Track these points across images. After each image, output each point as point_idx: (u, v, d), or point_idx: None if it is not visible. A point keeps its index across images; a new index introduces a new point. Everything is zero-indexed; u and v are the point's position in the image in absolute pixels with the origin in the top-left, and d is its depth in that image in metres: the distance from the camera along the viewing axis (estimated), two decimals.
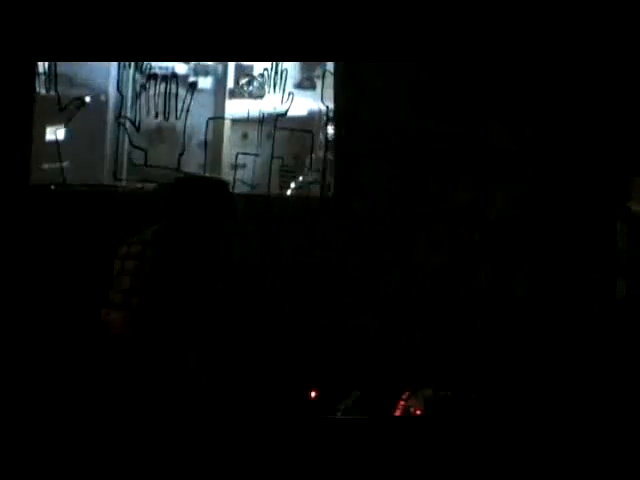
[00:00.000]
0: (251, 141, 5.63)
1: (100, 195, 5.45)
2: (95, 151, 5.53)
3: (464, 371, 5.13)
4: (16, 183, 5.39)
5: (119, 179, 5.55)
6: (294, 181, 5.65)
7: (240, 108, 5.63)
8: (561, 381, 4.93)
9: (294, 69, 5.65)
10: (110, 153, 5.54)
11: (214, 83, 5.65)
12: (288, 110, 5.61)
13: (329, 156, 5.62)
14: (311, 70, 5.66)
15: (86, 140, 5.51)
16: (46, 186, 5.46)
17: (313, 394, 4.72)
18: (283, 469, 3.46)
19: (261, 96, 5.63)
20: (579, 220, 5.40)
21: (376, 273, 5.47)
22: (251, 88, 5.63)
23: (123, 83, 5.54)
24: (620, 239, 4.96)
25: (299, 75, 5.67)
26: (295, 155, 5.64)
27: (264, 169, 5.61)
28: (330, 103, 5.61)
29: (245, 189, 5.56)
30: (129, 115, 5.55)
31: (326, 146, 5.63)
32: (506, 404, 4.55)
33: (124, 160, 5.55)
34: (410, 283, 5.44)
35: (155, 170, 5.47)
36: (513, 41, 5.16)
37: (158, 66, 5.55)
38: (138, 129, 5.56)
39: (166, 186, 4.12)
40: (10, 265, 5.27)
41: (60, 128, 5.49)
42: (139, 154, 5.54)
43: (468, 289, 5.44)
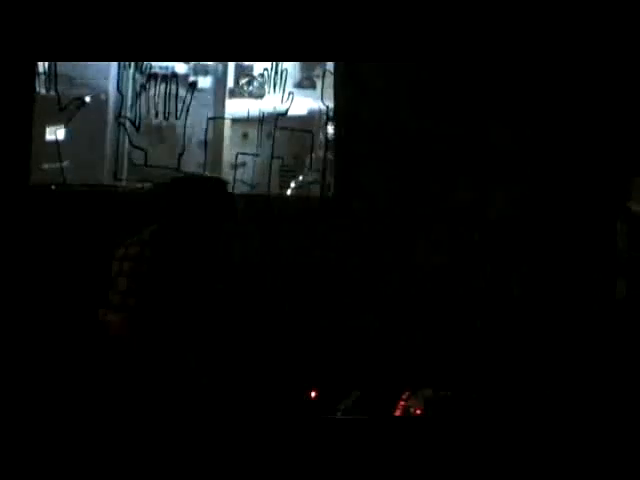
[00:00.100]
0: (251, 141, 5.63)
1: (100, 195, 5.45)
2: (95, 151, 5.53)
3: (464, 371, 5.13)
4: (16, 183, 5.39)
5: (119, 179, 5.55)
6: (294, 181, 5.65)
7: (240, 108, 5.63)
8: (561, 381, 4.93)
9: (294, 69, 5.65)
10: (110, 153, 5.54)
11: (214, 83, 5.65)
12: (288, 110, 5.61)
13: (329, 156, 5.62)
14: (311, 70, 5.66)
15: (86, 140, 5.51)
16: (46, 186, 5.46)
17: (313, 394, 4.72)
18: (283, 469, 3.46)
19: (261, 96, 5.63)
20: (579, 220, 5.40)
21: (376, 273, 5.47)
22: (251, 88, 5.63)
23: (123, 83, 5.54)
24: (620, 239, 4.96)
25: (299, 75, 5.67)
26: (295, 155, 5.64)
27: (264, 169, 5.61)
28: (330, 103, 5.61)
29: (245, 189, 5.56)
30: (129, 115, 5.55)
31: (326, 146, 5.63)
32: (506, 404, 4.55)
33: (124, 160, 5.55)
34: (410, 283, 5.44)
35: (155, 170, 5.47)
36: (513, 41, 5.16)
37: (158, 66, 5.55)
38: (138, 129, 5.56)
39: (163, 186, 4.11)
40: (10, 265, 5.27)
41: (60, 128, 5.49)
42: (139, 154, 5.54)
43: (468, 289, 5.44)
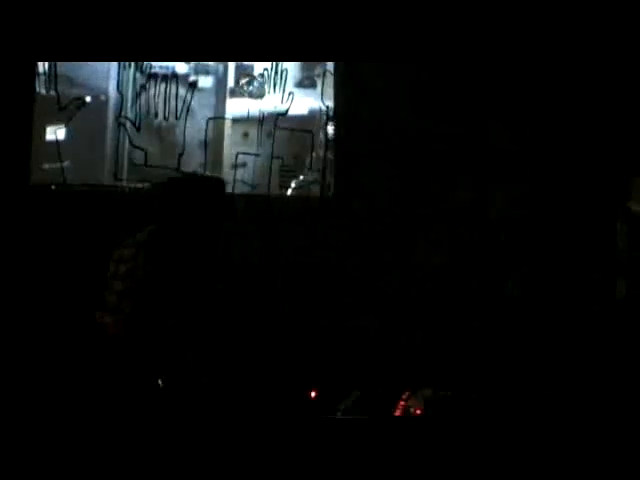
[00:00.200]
0: (251, 141, 5.63)
1: (100, 195, 5.45)
2: (95, 151, 5.53)
3: (464, 371, 5.13)
4: (16, 183, 5.39)
5: (119, 179, 5.55)
6: (294, 181, 5.65)
7: (240, 108, 5.63)
8: (561, 381, 4.93)
9: (294, 68, 5.65)
10: (110, 153, 5.54)
11: (214, 83, 5.65)
12: (288, 110, 5.61)
13: (329, 156, 5.62)
14: (311, 69, 5.66)
15: (86, 140, 5.51)
16: (46, 186, 5.46)
17: (313, 394, 4.72)
18: (283, 469, 3.46)
19: (261, 96, 5.63)
20: (579, 220, 5.40)
21: (376, 273, 5.47)
22: (251, 88, 5.63)
23: (123, 83, 5.54)
24: (620, 239, 4.96)
25: (299, 74, 5.67)
26: (295, 155, 5.64)
27: (264, 169, 5.61)
28: (330, 103, 5.61)
29: (245, 189, 5.56)
30: (129, 115, 5.55)
31: (326, 146, 5.63)
32: (506, 404, 4.55)
33: (124, 160, 5.55)
34: (410, 283, 5.44)
35: (155, 170, 5.47)
36: (513, 41, 5.16)
37: (158, 66, 5.55)
38: (138, 129, 5.56)
39: (160, 185, 4.10)
40: (10, 265, 5.27)
41: (60, 128, 5.50)
42: (139, 154, 5.54)
43: (468, 289, 5.44)
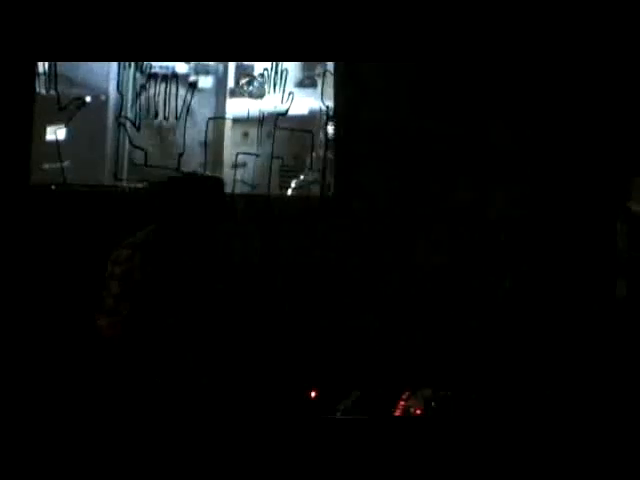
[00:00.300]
0: (251, 141, 5.63)
1: (100, 195, 5.45)
2: (95, 151, 5.54)
3: (464, 371, 5.13)
4: (16, 183, 5.39)
5: (119, 179, 5.55)
6: (294, 181, 5.65)
7: (240, 108, 5.63)
8: (561, 381, 4.93)
9: (294, 69, 5.65)
10: (110, 153, 5.54)
11: (214, 83, 5.65)
12: (288, 110, 5.61)
13: (329, 156, 5.62)
14: (311, 69, 5.66)
15: (86, 140, 5.52)
16: (46, 186, 5.47)
17: (313, 394, 4.72)
18: (283, 469, 3.46)
19: (261, 96, 5.63)
20: (579, 220, 5.40)
21: (376, 273, 5.47)
22: (251, 88, 5.63)
23: (123, 83, 5.54)
24: (620, 239, 4.96)
25: (299, 74, 5.67)
26: (295, 155, 5.64)
27: (264, 169, 5.61)
28: (330, 103, 5.61)
29: (245, 189, 5.56)
30: (129, 115, 5.55)
31: (326, 146, 5.63)
32: (506, 404, 4.55)
33: (124, 160, 5.55)
34: (410, 283, 5.44)
35: (155, 170, 5.47)
36: (513, 41, 5.16)
37: (158, 66, 5.56)
38: (138, 129, 5.56)
39: (159, 185, 4.10)
40: (10, 265, 5.27)
41: (60, 128, 5.50)
42: (139, 154, 5.54)
43: (468, 289, 5.44)
